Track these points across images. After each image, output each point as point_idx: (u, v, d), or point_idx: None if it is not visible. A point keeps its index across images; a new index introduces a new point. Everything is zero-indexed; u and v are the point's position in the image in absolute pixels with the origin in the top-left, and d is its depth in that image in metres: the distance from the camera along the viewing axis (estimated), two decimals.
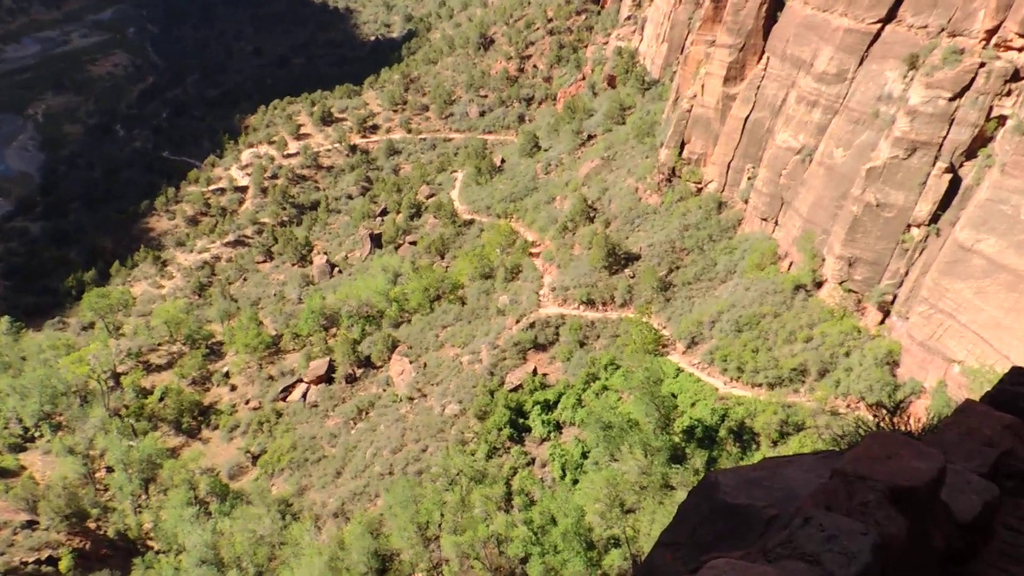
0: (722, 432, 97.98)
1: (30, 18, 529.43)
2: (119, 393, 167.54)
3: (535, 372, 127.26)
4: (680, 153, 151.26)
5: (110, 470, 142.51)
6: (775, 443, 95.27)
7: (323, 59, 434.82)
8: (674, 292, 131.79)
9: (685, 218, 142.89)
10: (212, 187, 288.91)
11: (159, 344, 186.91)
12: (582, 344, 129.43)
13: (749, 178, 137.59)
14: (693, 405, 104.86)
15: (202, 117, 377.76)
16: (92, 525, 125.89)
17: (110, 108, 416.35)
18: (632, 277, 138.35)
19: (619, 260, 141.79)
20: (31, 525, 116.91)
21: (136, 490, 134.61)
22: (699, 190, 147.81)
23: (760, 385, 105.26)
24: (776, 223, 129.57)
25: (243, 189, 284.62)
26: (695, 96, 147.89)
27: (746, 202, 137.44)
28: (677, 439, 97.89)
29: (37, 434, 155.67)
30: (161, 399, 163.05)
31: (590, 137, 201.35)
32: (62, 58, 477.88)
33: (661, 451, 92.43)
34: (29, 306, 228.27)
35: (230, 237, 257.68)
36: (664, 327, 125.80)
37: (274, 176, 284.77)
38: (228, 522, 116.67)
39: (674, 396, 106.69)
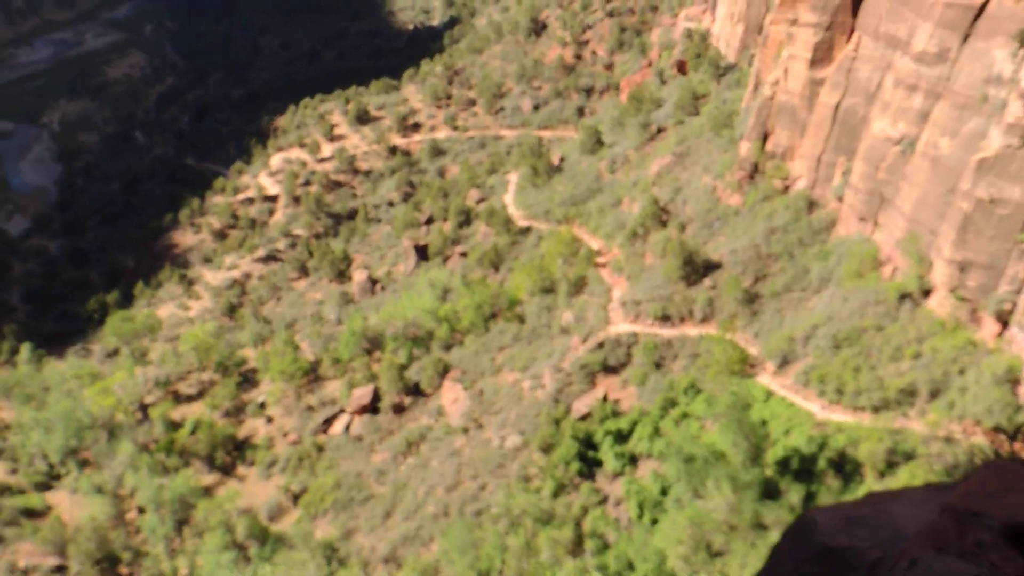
0: (821, 463, 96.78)
1: (42, 18, 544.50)
2: (147, 426, 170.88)
3: (605, 398, 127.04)
4: (763, 146, 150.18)
5: (141, 511, 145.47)
6: (882, 475, 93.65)
7: (357, 51, 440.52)
8: (761, 304, 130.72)
9: (771, 220, 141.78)
10: (240, 197, 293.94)
11: (188, 372, 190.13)
12: (658, 366, 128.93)
13: (843, 173, 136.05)
14: (787, 433, 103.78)
15: (227, 120, 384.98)
16: (124, 571, 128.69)
17: (127, 114, 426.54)
18: (712, 288, 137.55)
19: (697, 269, 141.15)
20: (60, 570, 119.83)
21: (169, 532, 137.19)
22: (786, 188, 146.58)
23: (863, 409, 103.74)
24: (875, 223, 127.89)
25: (273, 198, 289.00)
26: (777, 82, 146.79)
27: (840, 200, 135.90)
28: (769, 472, 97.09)
29: (63, 471, 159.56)
30: (192, 432, 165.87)
31: (659, 130, 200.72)
32: (76, 61, 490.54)
33: (751, 486, 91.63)
34: (50, 333, 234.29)
35: (261, 252, 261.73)
36: (751, 344, 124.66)
37: (307, 183, 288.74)
38: (269, 568, 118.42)
39: (765, 423, 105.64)
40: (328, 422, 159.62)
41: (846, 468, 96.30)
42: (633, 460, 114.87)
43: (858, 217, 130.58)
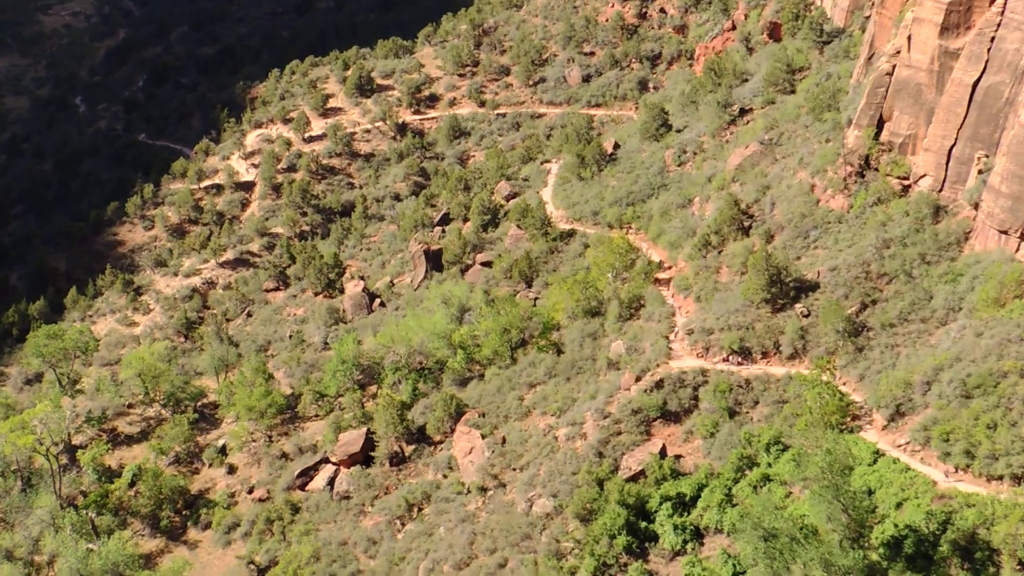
0: (943, 547, 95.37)
1: None
2: (75, 474, 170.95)
3: (663, 453, 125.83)
4: (877, 135, 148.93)
5: None
6: (1023, 564, 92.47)
7: (360, 1, 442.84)
8: (869, 338, 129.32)
9: (885, 229, 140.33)
10: (205, 184, 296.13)
11: (130, 405, 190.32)
12: (733, 413, 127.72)
13: (980, 172, 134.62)
14: (899, 506, 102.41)
15: (192, 86, 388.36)
16: None
17: (67, 74, 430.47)
18: (806, 316, 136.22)
19: (787, 290, 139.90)
20: None
21: None
22: (905, 189, 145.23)
23: (1000, 478, 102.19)
24: (1022, 238, 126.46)
25: (248, 186, 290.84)
26: (898, 52, 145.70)
27: (976, 207, 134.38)
28: (875, 556, 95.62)
29: None
30: (132, 484, 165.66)
31: (743, 112, 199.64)
32: (6, 6, 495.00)
33: (852, 573, 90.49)
34: None
35: (229, 255, 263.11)
36: (854, 390, 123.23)
37: (291, 168, 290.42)
38: None
39: (870, 492, 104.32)
40: (306, 475, 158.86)
41: (976, 555, 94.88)
42: (698, 535, 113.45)
43: (999, 229, 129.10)
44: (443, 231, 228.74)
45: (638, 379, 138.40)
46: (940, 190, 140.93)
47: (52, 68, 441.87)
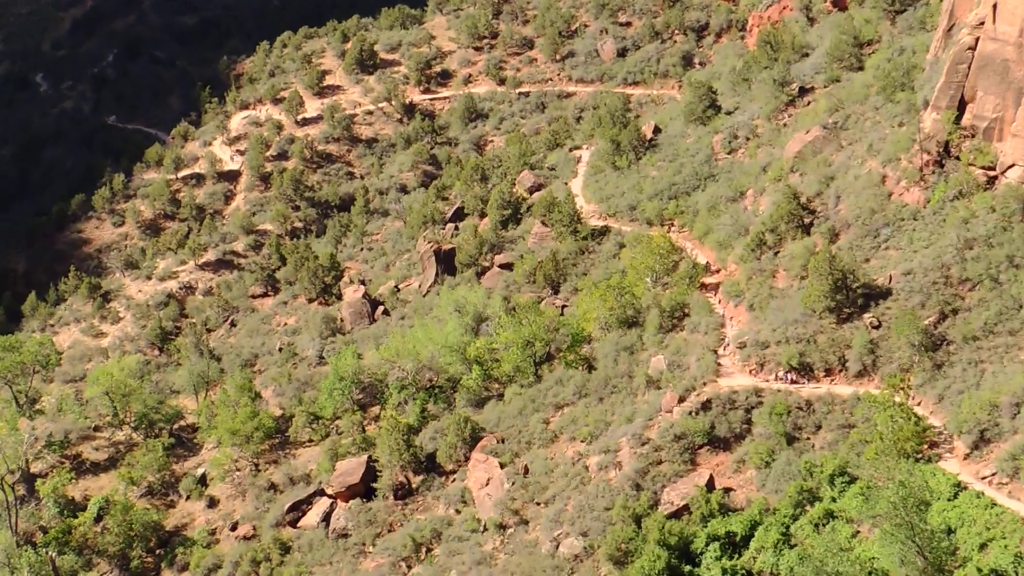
0: None
1: None
2: (33, 507, 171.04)
3: (711, 486, 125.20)
4: (958, 118, 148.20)
5: None
6: None
7: None
8: (949, 353, 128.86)
9: (968, 228, 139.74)
10: (183, 173, 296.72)
11: (96, 428, 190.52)
12: (791, 439, 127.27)
13: None
14: (983, 547, 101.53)
15: (169, 61, 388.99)
16: None
17: (27, 47, 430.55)
18: (876, 327, 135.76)
19: (854, 298, 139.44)
20: None
21: None
22: (991, 180, 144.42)
23: None
24: None
25: (232, 176, 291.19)
26: (982, 24, 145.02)
27: None
28: None
29: None
30: (99, 519, 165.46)
31: (803, 91, 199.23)
32: None
33: None
34: None
35: (210, 255, 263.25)
36: (932, 412, 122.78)
37: (281, 155, 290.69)
38: None
39: (950, 531, 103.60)
40: (298, 509, 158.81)
41: None
42: None
43: None
44: (456, 228, 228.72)
45: (682, 400, 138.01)
46: None
47: (10, 41, 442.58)
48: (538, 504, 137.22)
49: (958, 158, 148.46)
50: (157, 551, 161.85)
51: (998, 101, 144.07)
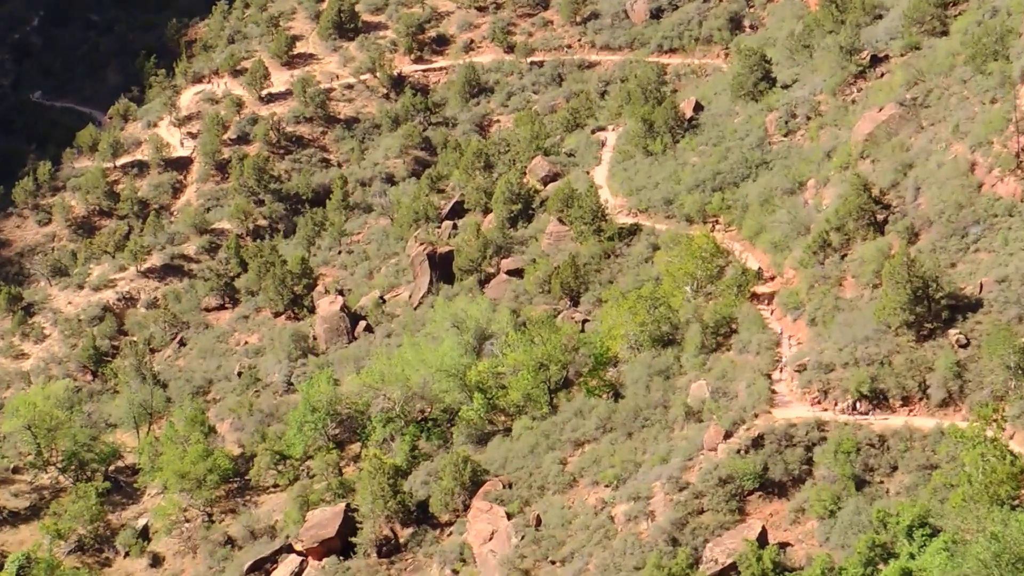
0: None
1: None
2: None
3: (763, 540, 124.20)
4: None
5: None
6: None
7: None
8: None
9: None
10: (123, 161, 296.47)
11: (16, 470, 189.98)
12: (861, 483, 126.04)
13: None
14: None
15: (107, 25, 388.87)
16: None
17: None
18: (965, 345, 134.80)
19: (937, 311, 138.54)
20: None
21: None
22: None
23: None
24: None
25: (182, 164, 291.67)
26: None
27: None
28: None
29: None
30: None
31: (876, 61, 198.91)
32: None
33: None
34: None
35: (155, 259, 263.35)
36: None
37: (242, 139, 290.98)
38: None
39: None
40: (261, 569, 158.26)
41: None
42: None
43: None
44: (455, 227, 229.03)
45: (728, 435, 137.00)
46: None
47: None
48: (553, 563, 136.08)
49: None
50: None
51: None
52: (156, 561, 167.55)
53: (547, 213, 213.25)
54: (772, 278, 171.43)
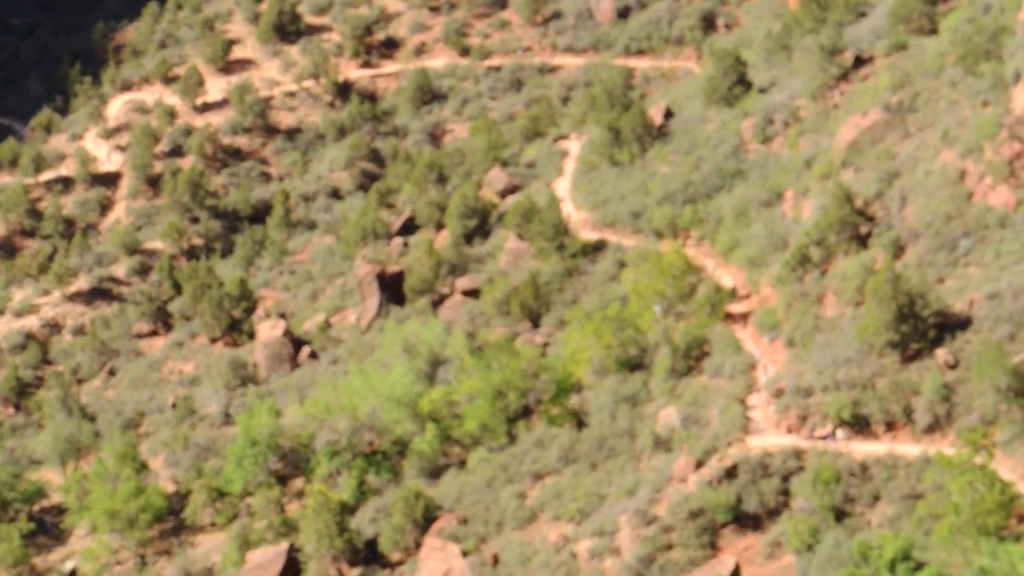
0: None
1: None
2: None
3: (737, 575, 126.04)
4: None
5: None
6: None
7: None
8: None
9: None
10: (46, 176, 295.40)
11: None
12: (841, 514, 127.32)
13: None
14: None
15: (27, 29, 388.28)
16: None
17: None
18: (953, 366, 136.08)
19: (924, 329, 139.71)
20: None
21: None
22: None
23: None
24: None
25: (110, 179, 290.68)
26: None
27: None
28: None
29: None
30: None
31: (860, 62, 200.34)
32: None
33: None
34: None
35: (82, 282, 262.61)
36: (1022, 476, 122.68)
37: (175, 152, 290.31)
38: None
39: None
40: None
41: None
42: None
43: None
44: (406, 245, 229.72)
45: (699, 465, 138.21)
46: None
47: None
48: None
49: None
50: None
51: None
52: None
53: (505, 229, 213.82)
54: (747, 296, 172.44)
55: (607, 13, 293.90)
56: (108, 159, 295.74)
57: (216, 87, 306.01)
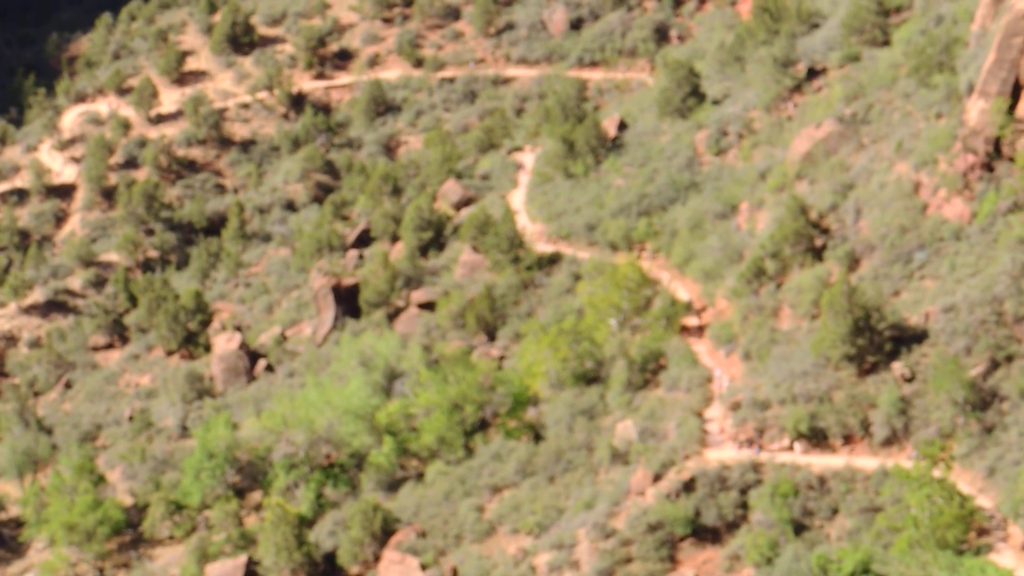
0: None
1: None
2: None
3: None
4: (1012, 108, 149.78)
5: None
6: None
7: None
8: (1002, 413, 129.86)
9: None
10: (0, 188, 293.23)
11: None
12: (800, 528, 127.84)
13: None
14: None
15: None
16: None
17: None
18: (909, 380, 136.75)
19: (880, 342, 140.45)
20: None
21: None
22: None
23: None
24: None
25: (65, 191, 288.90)
26: None
27: None
28: None
29: None
30: None
31: (813, 74, 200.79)
32: None
33: None
34: None
35: (37, 295, 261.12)
36: (981, 490, 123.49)
37: (130, 163, 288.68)
38: None
39: None
40: None
41: None
42: None
43: None
44: (361, 257, 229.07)
45: (657, 478, 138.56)
46: None
47: None
48: None
49: (1012, 159, 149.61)
50: None
51: None
52: None
53: (460, 241, 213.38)
54: (703, 309, 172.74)
55: (560, 25, 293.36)
56: (63, 171, 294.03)
57: (170, 98, 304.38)
